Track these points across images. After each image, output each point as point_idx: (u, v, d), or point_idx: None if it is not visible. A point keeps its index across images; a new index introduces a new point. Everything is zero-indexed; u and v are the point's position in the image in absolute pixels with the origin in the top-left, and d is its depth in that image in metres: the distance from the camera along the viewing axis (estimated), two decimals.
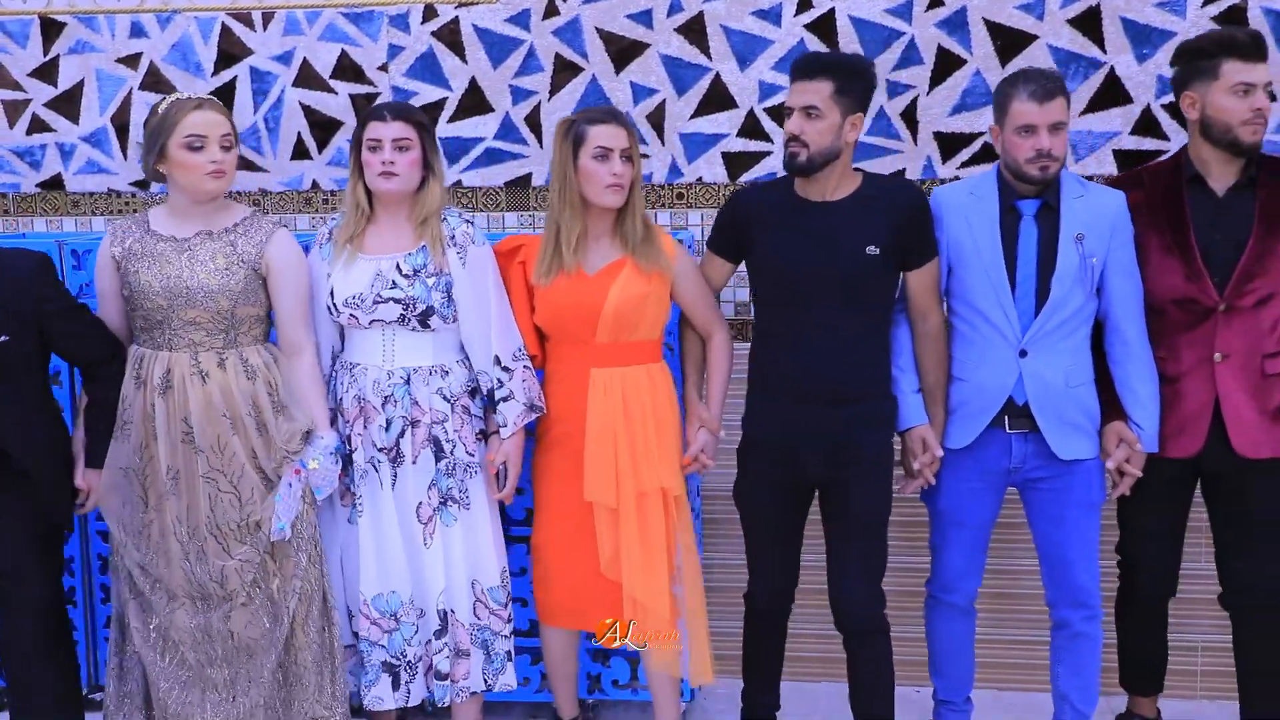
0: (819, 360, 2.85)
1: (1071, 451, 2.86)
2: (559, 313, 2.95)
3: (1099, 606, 2.99)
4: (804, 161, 2.80)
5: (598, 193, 2.89)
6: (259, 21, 3.73)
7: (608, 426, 2.93)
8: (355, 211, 2.98)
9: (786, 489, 2.96)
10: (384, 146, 2.89)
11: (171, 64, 3.77)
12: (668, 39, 3.59)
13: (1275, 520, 2.90)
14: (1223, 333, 2.83)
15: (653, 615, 2.96)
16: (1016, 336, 2.84)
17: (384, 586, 3.00)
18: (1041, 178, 2.79)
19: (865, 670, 3.02)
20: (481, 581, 3.03)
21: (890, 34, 3.51)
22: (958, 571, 3.02)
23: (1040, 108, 2.75)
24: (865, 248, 2.81)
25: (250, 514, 2.89)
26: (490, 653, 3.06)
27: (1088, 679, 3.03)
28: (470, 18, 3.66)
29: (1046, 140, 2.75)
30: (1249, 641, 3.01)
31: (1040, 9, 3.45)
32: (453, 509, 2.99)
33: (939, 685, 3.17)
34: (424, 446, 2.96)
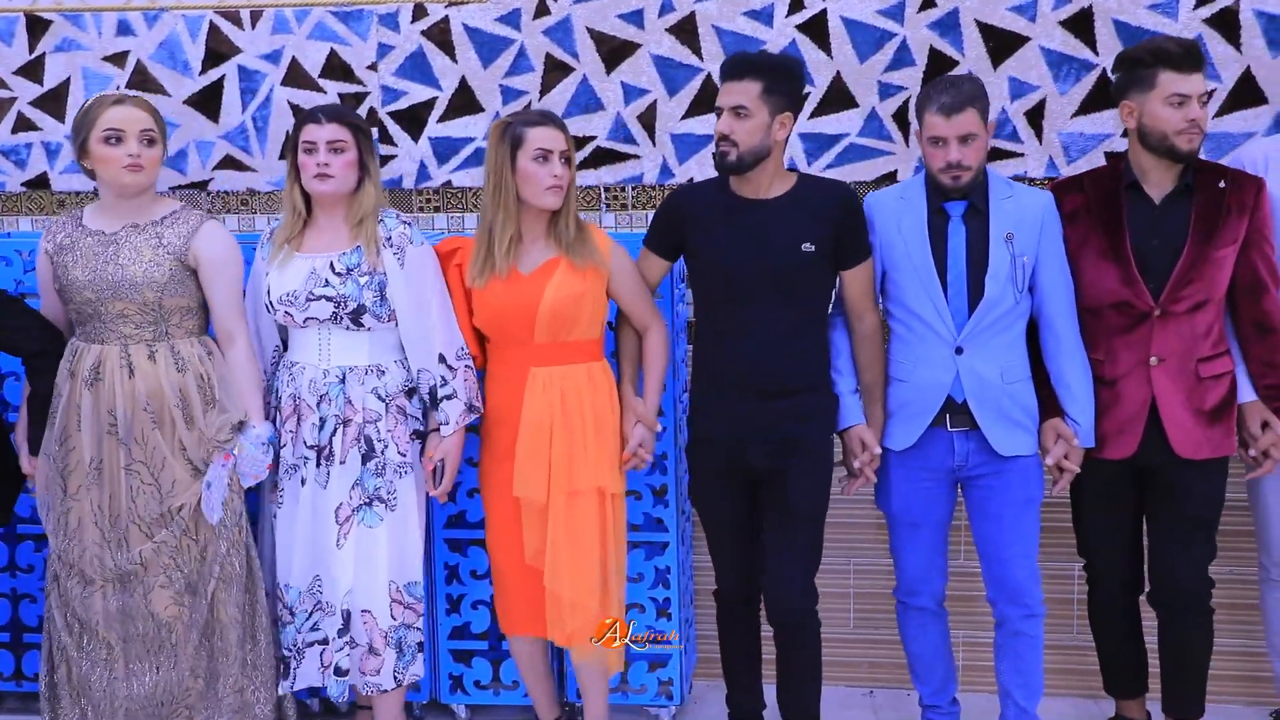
0: (759, 354, 2.87)
1: (1011, 448, 2.89)
2: (496, 314, 2.95)
3: (1038, 605, 3.00)
4: (734, 161, 2.82)
5: (537, 195, 2.89)
6: (247, 20, 3.70)
7: (542, 423, 2.93)
8: (292, 213, 3.01)
9: (737, 484, 2.98)
10: (319, 149, 2.91)
11: (159, 62, 3.74)
12: (659, 39, 3.58)
13: (1206, 520, 2.95)
14: (1158, 337, 2.86)
15: (580, 612, 2.97)
16: (952, 335, 2.87)
17: (287, 579, 3.03)
18: (954, 186, 2.83)
19: (795, 665, 3.03)
20: (398, 580, 3.02)
21: (882, 35, 3.50)
22: (919, 573, 3.05)
23: (948, 121, 2.79)
24: (800, 244, 2.84)
25: (171, 504, 2.93)
26: (403, 649, 3.05)
27: (1029, 676, 3.04)
28: (460, 17, 3.64)
29: (955, 152, 2.79)
30: (1173, 640, 3.03)
31: (1032, 11, 3.45)
32: (379, 509, 2.98)
33: (922, 691, 3.17)
34: (353, 446, 2.97)
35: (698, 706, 3.54)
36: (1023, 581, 2.97)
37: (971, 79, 2.89)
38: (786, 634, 3.01)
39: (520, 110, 3.07)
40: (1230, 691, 3.44)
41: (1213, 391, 2.88)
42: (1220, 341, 2.90)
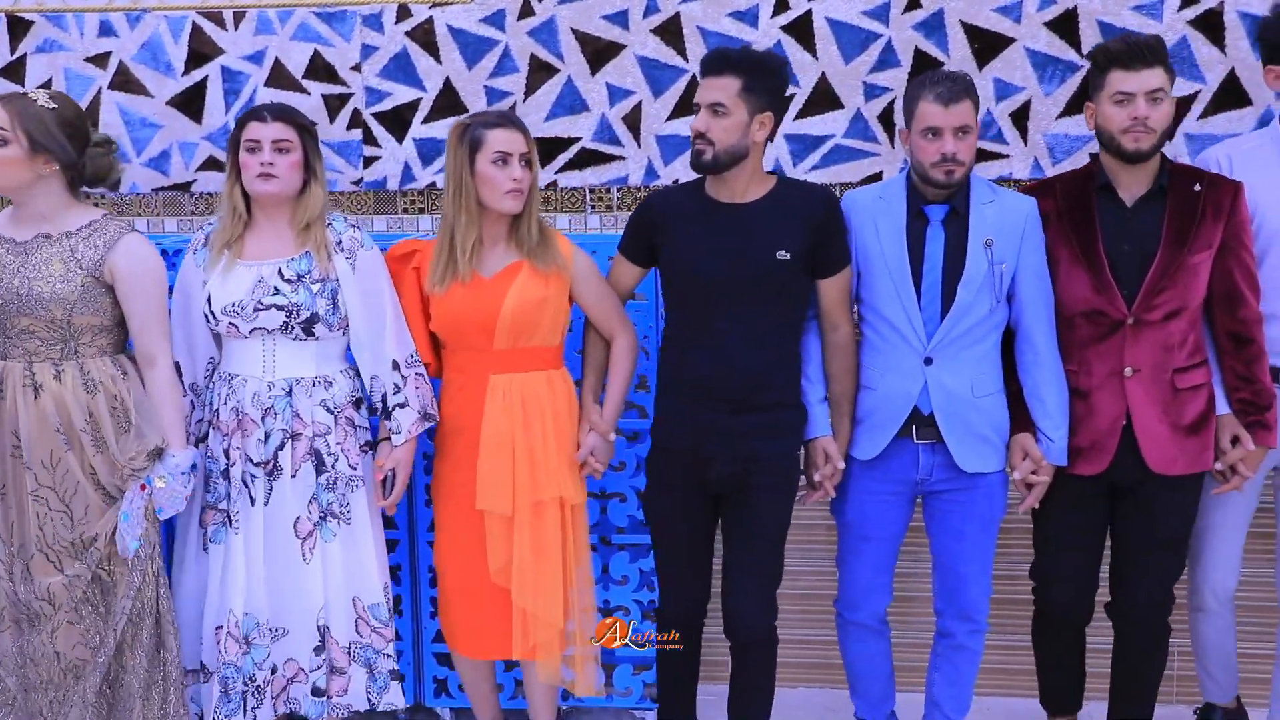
0: (727, 365, 2.80)
1: (975, 464, 2.83)
2: (455, 319, 2.89)
3: (985, 621, 2.98)
4: (710, 160, 2.75)
5: (497, 198, 2.84)
6: (230, 20, 3.68)
7: (504, 434, 2.87)
8: (232, 216, 2.90)
9: (694, 498, 2.90)
10: (263, 148, 2.83)
11: (141, 63, 3.72)
12: (644, 40, 3.57)
13: (1176, 536, 2.90)
14: (1131, 346, 2.80)
15: (543, 626, 2.92)
16: (922, 344, 2.81)
17: (251, 606, 2.91)
18: (946, 182, 2.76)
19: (749, 681, 2.99)
20: (363, 598, 2.95)
21: (868, 36, 3.49)
22: (863, 587, 2.98)
23: (945, 110, 2.72)
24: (776, 252, 2.77)
25: (84, 532, 2.79)
26: (374, 671, 2.97)
27: (962, 689, 3.03)
28: (445, 18, 3.63)
29: (951, 144, 2.72)
30: (1130, 652, 3.01)
31: (1017, 12, 3.44)
32: (333, 524, 2.92)
33: (858, 704, 3.15)
34: (305, 460, 2.89)
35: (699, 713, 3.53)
36: (975, 599, 2.94)
37: (963, 74, 2.83)
38: (744, 651, 2.97)
39: (480, 111, 3.02)
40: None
41: (1190, 404, 2.81)
42: (1197, 352, 2.83)
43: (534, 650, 2.94)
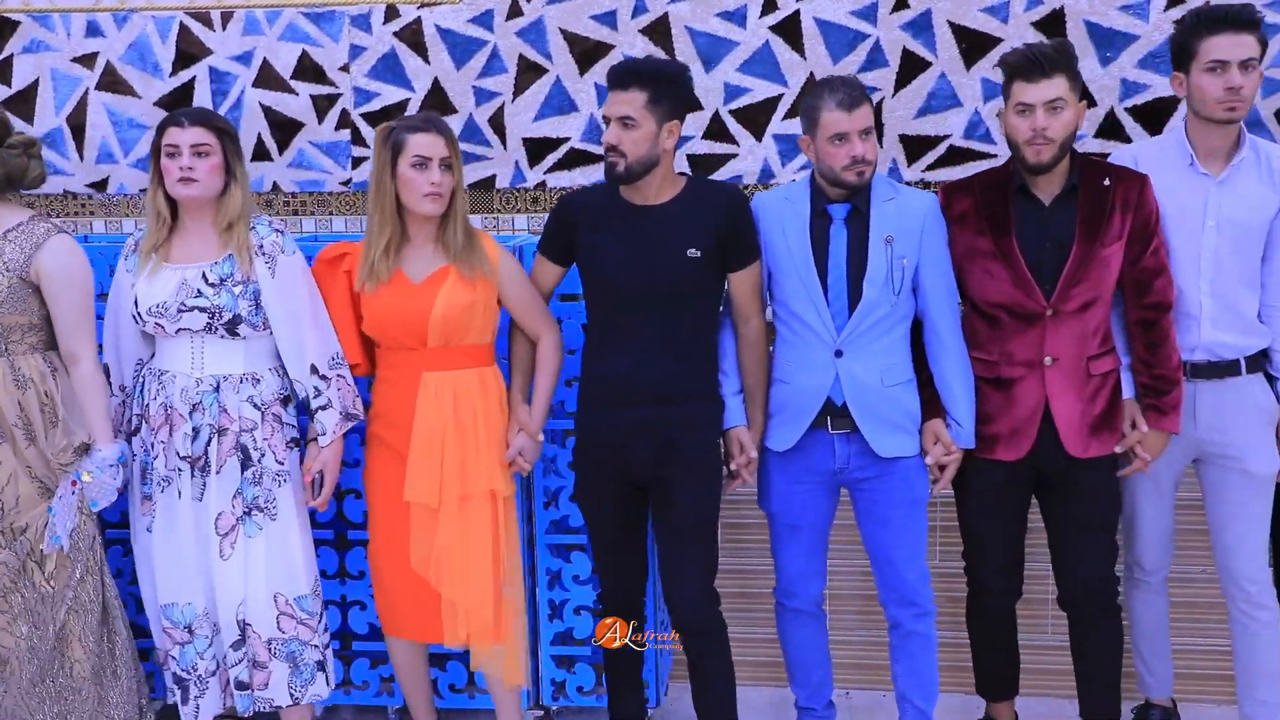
0: (643, 362, 2.87)
1: (892, 449, 2.90)
2: (386, 320, 2.93)
3: (929, 604, 3.02)
4: (622, 171, 2.81)
5: (416, 201, 2.87)
6: (218, 21, 3.68)
7: (435, 428, 2.92)
8: (156, 221, 2.93)
9: (620, 491, 2.96)
10: (182, 152, 2.85)
11: (129, 64, 3.72)
12: (632, 40, 3.57)
13: (1103, 520, 2.96)
14: (1051, 337, 2.86)
15: (474, 618, 2.96)
16: (832, 338, 2.87)
17: (177, 597, 2.95)
18: (858, 183, 2.82)
19: (707, 670, 3.02)
20: (286, 593, 2.97)
21: (855, 36, 3.50)
22: (797, 574, 3.05)
23: (849, 115, 2.78)
24: (686, 250, 2.83)
25: (13, 521, 2.84)
26: (299, 664, 2.99)
27: (925, 677, 3.06)
28: (433, 18, 3.63)
29: (859, 146, 2.78)
30: (1086, 642, 3.04)
31: (1005, 12, 3.46)
32: (258, 518, 2.93)
33: (798, 694, 3.18)
34: (230, 455, 2.92)
35: (674, 708, 3.54)
36: (912, 582, 2.98)
37: (857, 79, 2.89)
38: (694, 640, 3.01)
39: (406, 115, 3.04)
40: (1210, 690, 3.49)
41: (1103, 389, 2.89)
42: (1107, 339, 2.90)
43: (468, 639, 2.99)
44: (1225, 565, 3.04)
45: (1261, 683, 3.06)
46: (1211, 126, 2.86)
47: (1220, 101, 2.80)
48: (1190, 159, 2.90)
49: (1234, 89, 2.78)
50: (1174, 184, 2.90)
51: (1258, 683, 3.07)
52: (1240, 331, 2.92)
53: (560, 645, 3.44)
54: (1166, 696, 3.26)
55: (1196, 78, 2.83)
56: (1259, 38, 2.81)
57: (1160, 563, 3.11)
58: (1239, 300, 2.91)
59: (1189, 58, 2.84)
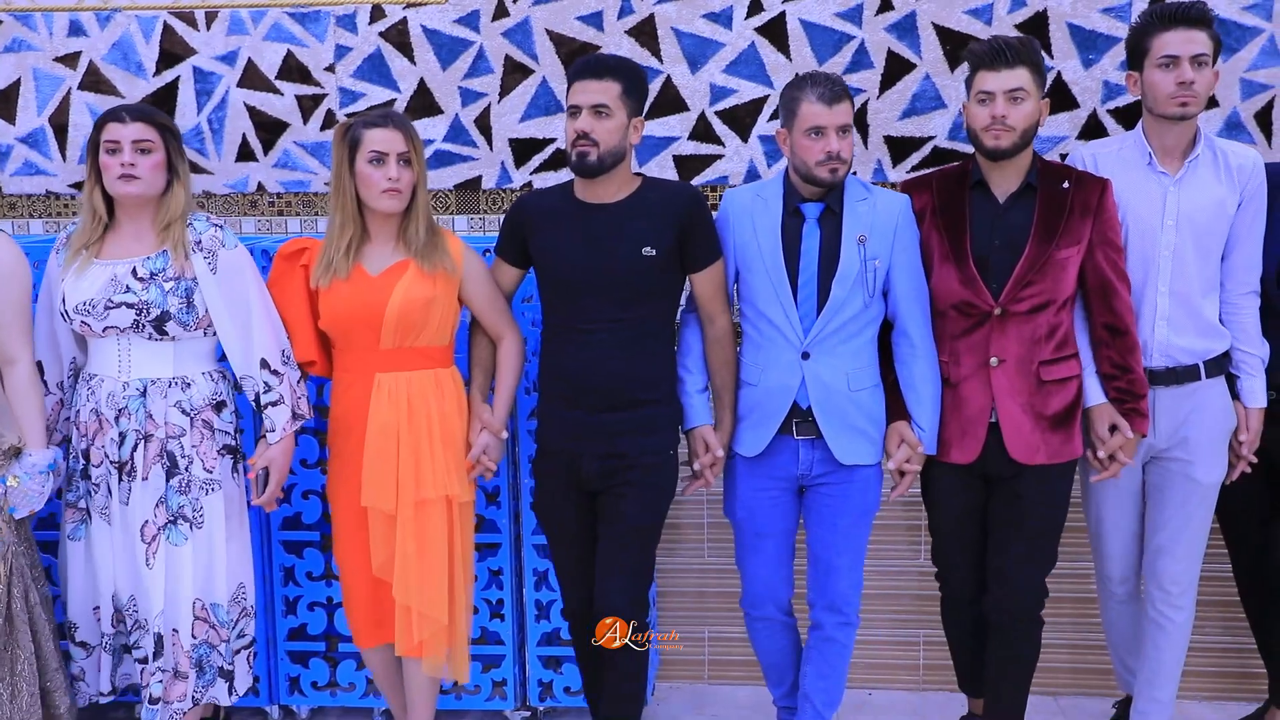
0: (596, 364, 2.85)
1: (852, 456, 2.88)
2: (342, 316, 2.90)
3: (854, 615, 3.02)
4: (595, 161, 2.79)
5: (373, 197, 2.86)
6: (202, 21, 3.66)
7: (389, 431, 2.89)
8: (92, 218, 2.88)
9: (576, 496, 2.94)
10: (123, 149, 2.81)
11: (112, 63, 3.70)
12: (618, 41, 3.58)
13: (1045, 528, 2.95)
14: (998, 338, 2.85)
15: (429, 622, 2.95)
16: (799, 339, 2.86)
17: (104, 600, 2.92)
18: (831, 180, 2.81)
19: (618, 673, 3.00)
20: (204, 599, 2.94)
21: (841, 38, 3.52)
22: (765, 583, 3.02)
23: (829, 110, 2.77)
24: (642, 249, 2.82)
25: None
26: (203, 667, 2.96)
27: (832, 683, 3.06)
28: (419, 19, 3.62)
29: (835, 142, 2.78)
30: (1000, 649, 3.04)
31: (988, 14, 3.48)
32: (183, 527, 2.88)
33: (774, 692, 3.18)
34: (156, 462, 2.87)
35: (661, 707, 3.55)
36: (844, 591, 2.98)
37: (839, 76, 2.89)
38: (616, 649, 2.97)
39: (364, 110, 3.01)
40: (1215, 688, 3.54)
41: (1055, 396, 2.86)
42: (1066, 345, 2.87)
43: (420, 647, 2.97)
44: (1151, 564, 3.05)
45: (1160, 681, 3.10)
46: (1167, 124, 2.88)
47: (1173, 97, 2.82)
48: (1148, 158, 2.91)
49: (1186, 84, 2.80)
50: (1132, 183, 2.91)
51: (1156, 680, 3.10)
52: (1199, 333, 2.92)
53: (547, 646, 3.44)
54: None
55: (1149, 74, 2.85)
56: (1211, 35, 2.83)
57: (1130, 571, 3.11)
58: (1198, 302, 2.92)
59: (1142, 55, 2.87)
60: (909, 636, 3.61)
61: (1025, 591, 2.96)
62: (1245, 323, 2.95)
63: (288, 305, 2.96)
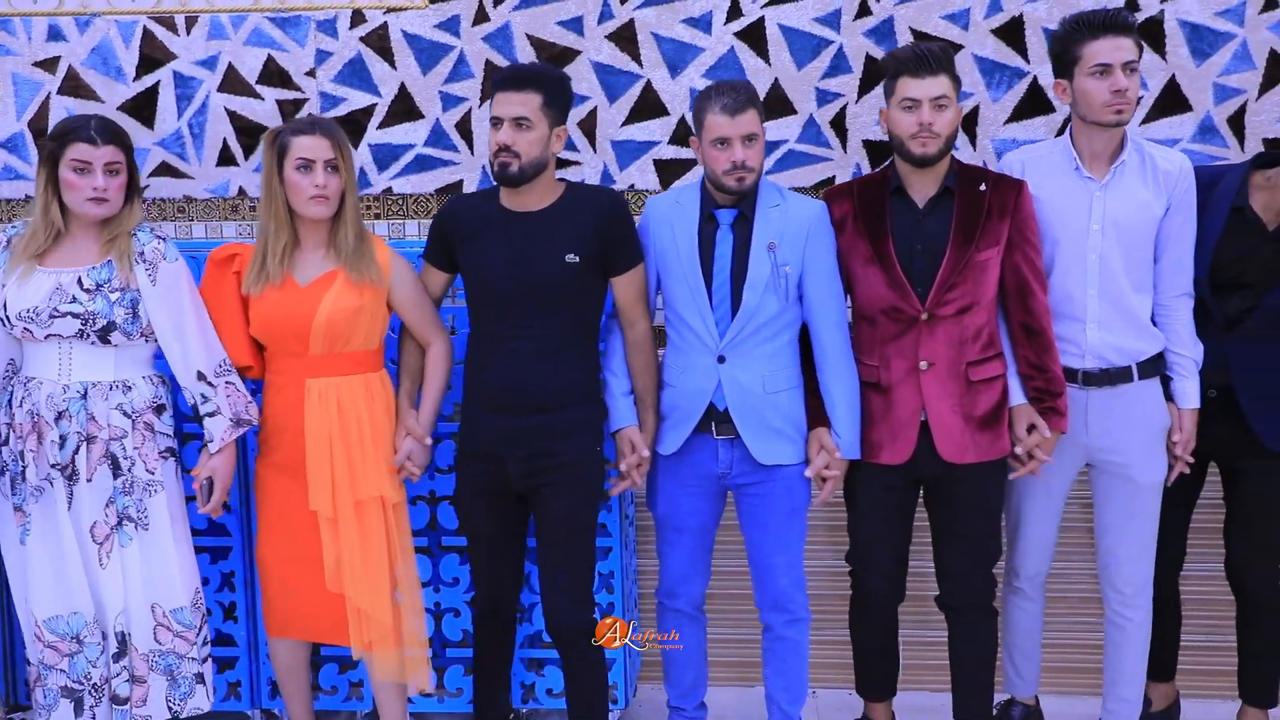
0: (519, 369, 2.89)
1: (772, 457, 2.92)
2: (271, 324, 2.93)
3: (802, 611, 3.06)
4: (516, 172, 2.83)
5: (302, 204, 2.88)
6: (182, 25, 3.66)
7: (324, 436, 2.92)
8: (47, 229, 2.86)
9: (499, 499, 2.98)
10: (94, 170, 2.81)
11: (91, 68, 3.69)
12: (598, 46, 3.59)
13: (981, 525, 2.99)
14: (926, 341, 2.89)
15: (376, 624, 2.97)
16: (715, 342, 2.90)
17: (62, 608, 2.88)
18: (738, 188, 2.85)
19: (578, 675, 3.05)
20: (164, 604, 2.93)
21: (819, 42, 3.55)
22: (680, 576, 3.07)
23: (732, 120, 2.81)
24: (565, 256, 2.86)
25: None
26: (176, 677, 2.95)
27: (792, 681, 3.10)
28: (399, 23, 3.63)
29: (740, 152, 2.82)
30: (962, 644, 3.10)
31: (965, 19, 3.51)
32: (129, 529, 2.89)
33: (670, 693, 3.21)
34: (100, 463, 2.87)
35: (642, 710, 3.56)
36: (786, 589, 3.02)
37: (747, 83, 2.92)
38: (566, 646, 3.04)
39: (294, 118, 3.03)
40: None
41: (983, 396, 2.90)
42: (991, 345, 2.92)
43: (370, 645, 3.00)
44: (1105, 567, 3.10)
45: (1124, 680, 3.14)
46: (1097, 130, 2.91)
47: (1108, 105, 2.85)
48: (1075, 164, 2.94)
49: (1120, 91, 2.83)
50: (1060, 188, 2.94)
51: (1120, 680, 3.15)
52: (1131, 335, 2.95)
53: (529, 649, 3.45)
54: (1031, 695, 3.31)
55: (1081, 83, 2.87)
56: (1135, 41, 2.87)
57: (1039, 569, 3.15)
58: (1128, 304, 2.94)
59: (1071, 64, 2.89)
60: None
61: (971, 585, 3.02)
62: (1178, 325, 2.98)
63: (221, 310, 2.98)
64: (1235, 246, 2.96)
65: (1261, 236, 2.96)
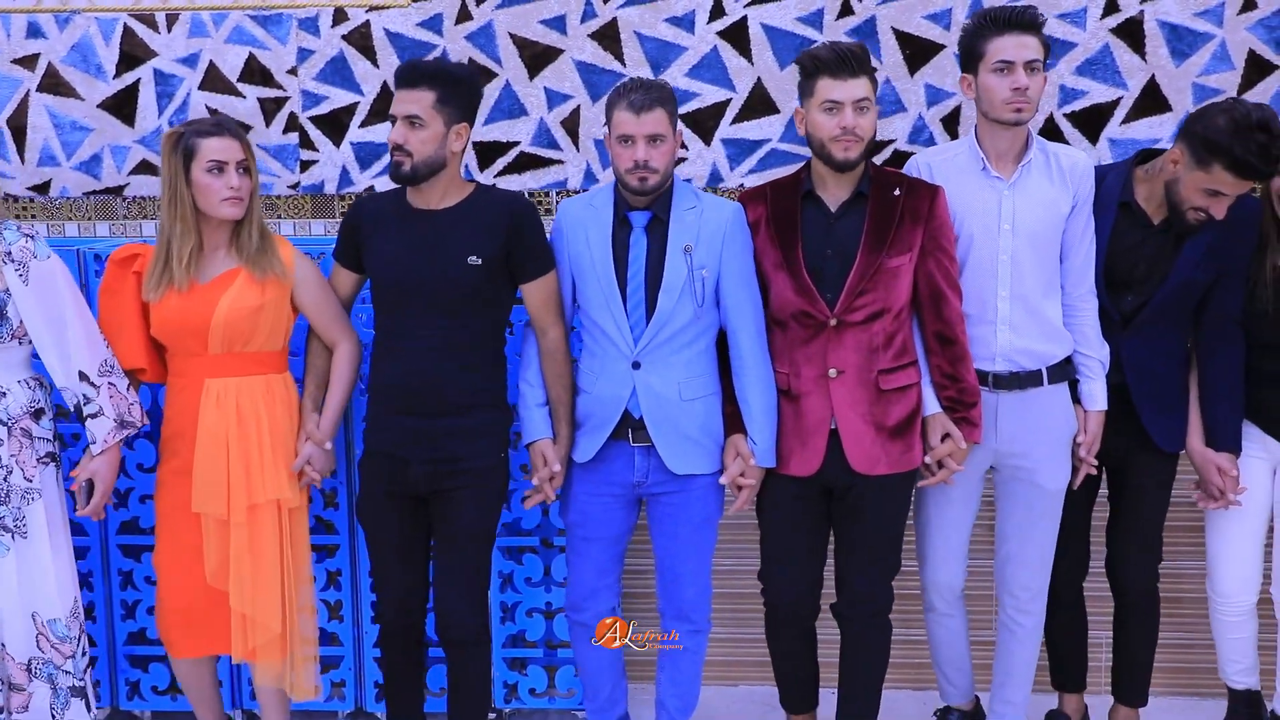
0: (422, 370, 2.85)
1: (685, 466, 2.88)
2: (171, 325, 2.90)
3: (704, 622, 3.04)
4: (408, 171, 2.80)
5: (214, 206, 2.85)
6: (163, 23, 3.64)
7: (218, 437, 2.89)
8: None
9: (401, 502, 2.94)
10: None
11: (71, 65, 3.67)
12: (581, 45, 3.59)
13: (887, 536, 2.96)
14: (835, 348, 2.84)
15: (261, 629, 2.94)
16: (629, 348, 2.85)
17: None
18: (640, 188, 2.80)
19: (463, 680, 3.02)
20: (42, 614, 2.90)
21: (802, 42, 3.55)
22: (588, 590, 3.03)
23: (637, 119, 2.77)
24: (467, 257, 2.82)
25: None
26: (56, 687, 2.92)
27: (685, 690, 3.09)
28: (381, 21, 3.62)
29: (643, 151, 2.77)
30: (852, 652, 3.07)
31: (947, 19, 3.52)
32: (5, 539, 2.84)
33: (588, 707, 3.19)
34: None
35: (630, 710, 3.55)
36: (692, 599, 3.00)
37: (661, 84, 2.87)
38: (453, 651, 3.01)
39: (195, 119, 3.01)
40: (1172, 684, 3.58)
41: (895, 405, 2.85)
42: (904, 354, 2.87)
43: (254, 653, 2.96)
44: (1001, 570, 3.09)
45: (1012, 683, 3.15)
46: (1000, 129, 2.88)
47: (1008, 102, 2.82)
48: (982, 164, 2.92)
49: (1020, 89, 2.80)
50: (969, 190, 2.92)
51: (1009, 683, 3.16)
52: (1041, 338, 2.93)
53: (512, 648, 3.44)
54: (967, 700, 3.30)
55: (984, 79, 2.85)
56: (1042, 41, 2.85)
57: (953, 583, 3.10)
58: (1039, 305, 2.92)
59: (976, 60, 2.86)
60: None
61: (870, 596, 2.98)
62: (1085, 325, 2.96)
63: (118, 311, 2.94)
64: (1124, 241, 2.96)
65: (1147, 230, 2.96)
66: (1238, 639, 3.15)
